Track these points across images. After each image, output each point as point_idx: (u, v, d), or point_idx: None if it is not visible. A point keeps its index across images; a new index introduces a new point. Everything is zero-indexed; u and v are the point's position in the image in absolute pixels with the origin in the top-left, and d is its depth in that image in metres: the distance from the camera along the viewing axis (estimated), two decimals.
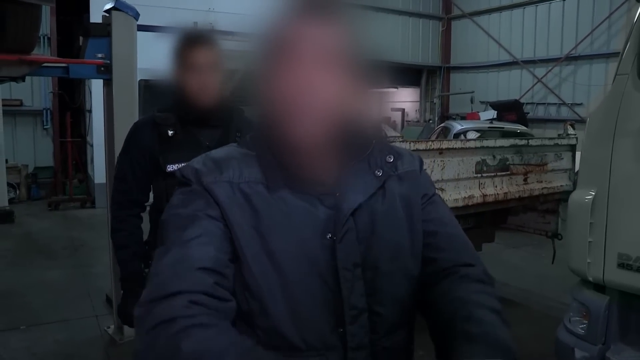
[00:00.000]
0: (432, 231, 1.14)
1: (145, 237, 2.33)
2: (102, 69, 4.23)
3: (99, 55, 4.28)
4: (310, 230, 1.02)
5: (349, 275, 1.03)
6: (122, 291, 2.32)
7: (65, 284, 5.81)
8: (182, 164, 1.93)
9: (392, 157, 1.13)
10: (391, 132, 4.25)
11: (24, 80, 4.36)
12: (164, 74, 2.21)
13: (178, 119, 2.18)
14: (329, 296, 1.02)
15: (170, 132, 2.17)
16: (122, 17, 4.21)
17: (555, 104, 14.52)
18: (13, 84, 4.84)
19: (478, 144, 4.26)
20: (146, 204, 2.33)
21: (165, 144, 2.18)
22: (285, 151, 1.03)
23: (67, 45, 12.22)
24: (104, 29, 4.25)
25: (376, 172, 1.10)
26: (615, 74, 2.58)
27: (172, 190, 1.95)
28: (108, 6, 4.28)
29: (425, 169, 1.23)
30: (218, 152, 1.11)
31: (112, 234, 2.30)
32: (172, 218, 1.04)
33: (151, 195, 2.31)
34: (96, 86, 8.84)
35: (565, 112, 14.09)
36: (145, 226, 2.30)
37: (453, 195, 3.99)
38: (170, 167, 2.14)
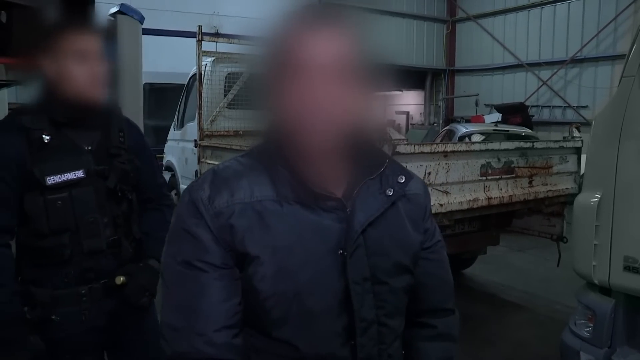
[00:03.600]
0: (430, 272, 1.23)
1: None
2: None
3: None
4: (322, 246, 1.05)
5: (359, 289, 1.07)
6: None
7: None
8: (66, 174, 1.78)
9: (404, 177, 1.16)
10: (396, 135, 4.25)
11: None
12: (31, 67, 1.85)
13: (49, 120, 1.81)
14: (341, 310, 1.06)
15: (46, 138, 1.79)
16: (127, 21, 4.22)
17: (561, 106, 14.50)
18: (19, 88, 4.86)
19: (483, 146, 4.26)
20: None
21: (38, 152, 1.78)
22: (297, 163, 1.04)
23: None
24: (110, 33, 4.27)
25: (387, 191, 1.13)
26: (622, 76, 2.58)
27: (53, 209, 1.76)
28: (113, 10, 4.30)
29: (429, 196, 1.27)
30: (227, 169, 1.09)
31: None
32: (176, 269, 1.05)
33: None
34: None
35: (570, 115, 14.06)
36: None
37: (458, 198, 3.98)
38: (52, 180, 1.78)
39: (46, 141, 1.79)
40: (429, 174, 3.79)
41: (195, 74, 6.67)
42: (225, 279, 1.03)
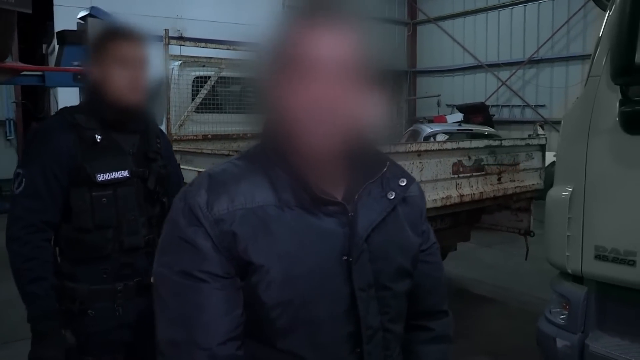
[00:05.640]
0: (427, 274, 1.23)
1: None
2: (79, 77, 4.20)
3: (75, 63, 4.25)
4: (327, 252, 1.02)
5: (365, 295, 1.05)
6: (33, 335, 1.87)
7: None
8: (114, 173, 1.91)
9: (405, 180, 1.15)
10: None
11: None
12: (85, 71, 2.00)
13: (99, 122, 1.93)
14: (347, 317, 1.04)
15: (98, 137, 1.91)
16: (98, 24, 4.19)
17: (520, 105, 14.89)
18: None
19: (454, 145, 4.37)
20: None
21: (90, 150, 1.90)
22: (298, 166, 1.01)
23: (30, 53, 11.98)
24: (80, 37, 4.22)
25: (389, 194, 1.11)
26: (588, 76, 2.70)
27: (99, 206, 1.88)
28: (83, 13, 4.26)
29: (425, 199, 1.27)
30: (223, 173, 1.05)
31: (22, 264, 1.82)
32: (174, 280, 1.00)
33: None
34: (63, 95, 8.69)
35: (529, 114, 14.47)
36: None
37: (432, 196, 4.09)
38: (102, 177, 1.90)
39: (98, 140, 1.91)
40: None
41: None
42: (227, 289, 0.99)
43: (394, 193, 1.12)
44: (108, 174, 1.91)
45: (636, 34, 2.18)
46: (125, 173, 1.96)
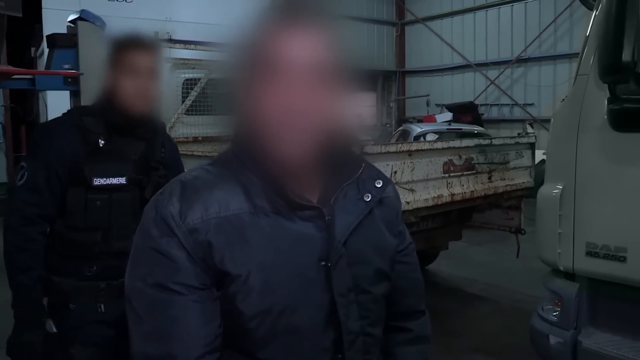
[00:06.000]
0: (404, 275, 1.22)
1: None
2: (70, 80, 4.18)
3: (66, 67, 4.23)
4: (304, 258, 1.00)
5: (345, 300, 1.03)
6: (15, 321, 1.96)
7: None
8: (110, 179, 1.95)
9: (381, 182, 1.13)
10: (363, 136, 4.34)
11: None
12: (97, 77, 2.03)
13: (106, 126, 1.97)
14: (327, 323, 1.02)
15: (101, 142, 1.95)
16: (88, 28, 4.17)
17: (508, 104, 14.99)
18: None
19: (445, 144, 4.39)
20: None
21: (92, 154, 1.95)
22: (271, 170, 0.98)
23: (18, 56, 11.90)
24: (71, 40, 4.20)
25: (365, 196, 1.09)
26: (576, 75, 2.73)
27: (92, 207, 1.93)
28: (73, 16, 4.24)
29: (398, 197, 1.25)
30: (196, 180, 1.01)
31: (14, 253, 1.92)
32: (147, 293, 0.96)
33: None
34: (53, 98, 8.64)
35: (518, 112, 14.57)
36: None
37: (423, 196, 4.10)
38: (98, 181, 1.94)
39: (101, 145, 1.96)
40: (395, 172, 3.90)
41: None
42: (204, 301, 0.95)
43: (370, 195, 1.10)
44: (105, 178, 1.95)
45: (623, 33, 2.21)
46: (123, 180, 1.99)
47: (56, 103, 4.75)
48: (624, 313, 2.58)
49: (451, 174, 4.33)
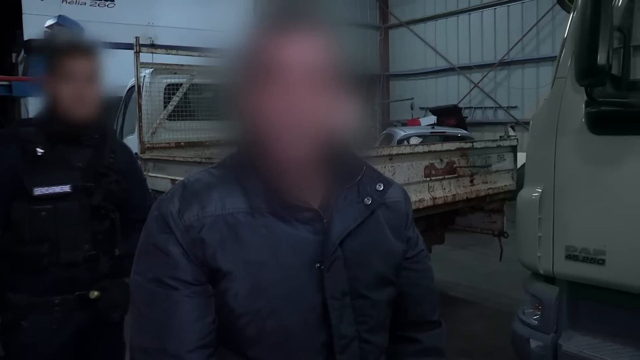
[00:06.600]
0: (414, 282, 1.20)
1: None
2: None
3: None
4: (298, 259, 1.01)
5: (337, 304, 1.02)
6: None
7: None
8: (53, 187, 1.90)
9: (382, 185, 1.12)
10: None
11: None
12: (36, 85, 2.02)
13: (47, 135, 1.93)
14: (319, 326, 1.02)
15: (39, 151, 1.90)
16: (65, 33, 4.13)
17: (492, 107, 15.10)
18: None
19: (426, 148, 4.38)
20: None
21: (31, 164, 1.90)
22: (271, 174, 1.00)
23: None
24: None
25: (365, 200, 1.09)
26: (554, 78, 2.74)
27: (37, 219, 1.87)
28: (50, 22, 4.20)
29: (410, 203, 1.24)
30: (197, 182, 1.05)
31: None
32: (145, 287, 1.00)
33: None
34: (34, 104, 8.54)
35: (501, 115, 14.67)
36: None
37: None
38: (39, 191, 1.89)
39: (39, 154, 1.90)
40: None
41: (133, 86, 6.54)
42: (198, 297, 0.98)
43: (370, 198, 1.09)
44: (47, 188, 1.89)
45: (598, 36, 2.21)
46: (67, 188, 1.93)
47: (37, 109, 4.67)
48: (604, 316, 2.58)
49: (432, 178, 4.31)
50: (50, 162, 1.91)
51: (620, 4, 2.64)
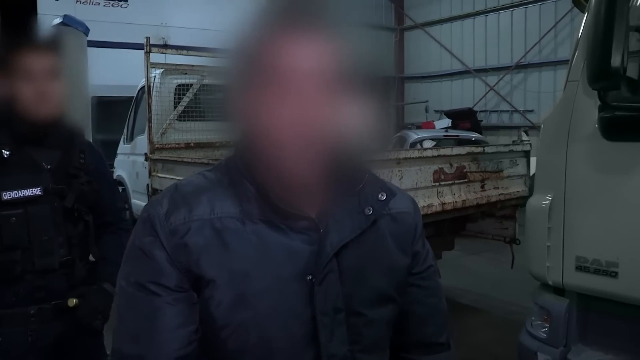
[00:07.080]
0: (420, 300, 1.12)
1: None
2: None
3: None
4: (288, 270, 0.95)
5: (328, 320, 0.96)
6: None
7: None
8: (23, 191, 1.80)
9: (385, 194, 1.04)
10: None
11: None
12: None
13: (12, 136, 1.84)
14: (307, 343, 0.96)
15: (5, 153, 1.81)
16: (71, 33, 4.12)
17: (508, 111, 14.91)
18: None
19: (435, 152, 4.31)
20: None
21: None
22: (267, 180, 0.95)
23: None
24: None
25: (366, 209, 1.01)
26: (566, 81, 2.64)
27: (7, 225, 1.78)
28: (56, 22, 4.18)
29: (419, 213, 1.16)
30: (189, 184, 1.01)
31: None
32: (128, 291, 0.96)
33: None
34: None
35: (517, 119, 14.48)
36: None
37: None
38: (8, 195, 1.80)
39: (5, 156, 1.81)
40: None
41: (144, 87, 6.54)
42: (180, 304, 0.94)
43: (371, 209, 1.02)
44: (16, 191, 1.80)
45: (612, 36, 2.11)
46: (37, 190, 1.85)
47: None
48: (616, 330, 2.47)
49: (442, 183, 4.23)
50: (17, 164, 1.82)
51: (638, 3, 2.53)
